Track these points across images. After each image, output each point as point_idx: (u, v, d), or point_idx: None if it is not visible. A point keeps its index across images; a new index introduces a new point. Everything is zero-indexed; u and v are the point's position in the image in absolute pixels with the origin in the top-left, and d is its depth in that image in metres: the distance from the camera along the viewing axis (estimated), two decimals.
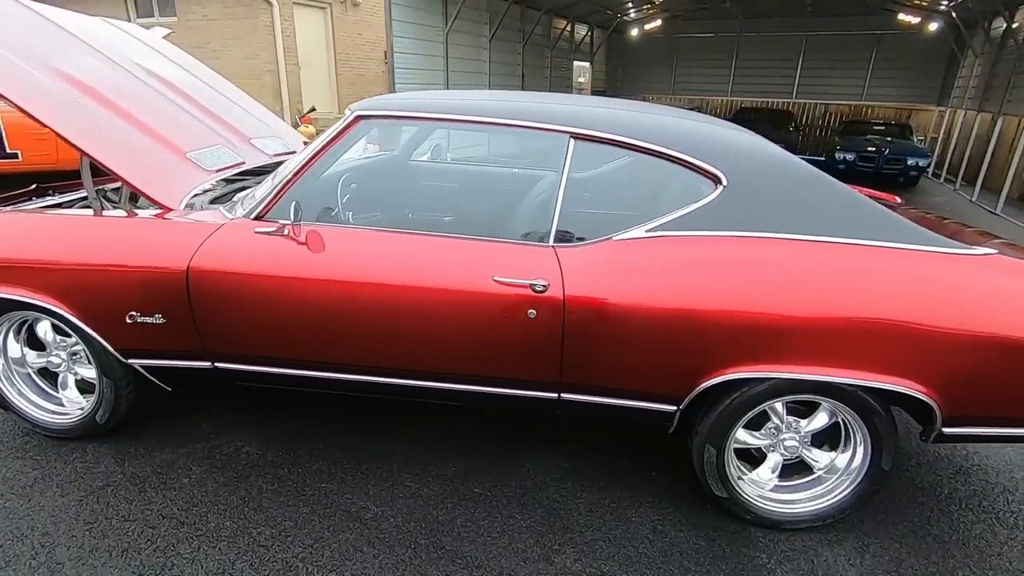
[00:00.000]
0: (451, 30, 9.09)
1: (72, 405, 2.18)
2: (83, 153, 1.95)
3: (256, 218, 1.85)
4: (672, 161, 1.73)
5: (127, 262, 1.85)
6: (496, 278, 1.70)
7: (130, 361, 1.99)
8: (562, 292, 1.69)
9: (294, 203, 1.74)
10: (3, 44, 2.07)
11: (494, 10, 10.04)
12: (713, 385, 1.72)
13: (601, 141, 1.75)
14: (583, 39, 13.88)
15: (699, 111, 10.40)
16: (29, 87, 1.97)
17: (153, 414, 2.36)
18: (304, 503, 1.94)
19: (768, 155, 1.74)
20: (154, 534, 1.79)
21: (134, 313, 1.88)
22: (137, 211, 2.08)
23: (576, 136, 1.77)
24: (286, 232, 1.78)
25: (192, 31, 10.48)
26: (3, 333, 2.11)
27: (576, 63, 14.42)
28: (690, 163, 1.71)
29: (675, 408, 1.81)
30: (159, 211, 1.99)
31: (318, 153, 1.85)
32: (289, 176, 1.85)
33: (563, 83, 13.74)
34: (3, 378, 2.14)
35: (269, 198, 1.85)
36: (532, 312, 1.71)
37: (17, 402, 2.16)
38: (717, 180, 1.69)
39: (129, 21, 11.21)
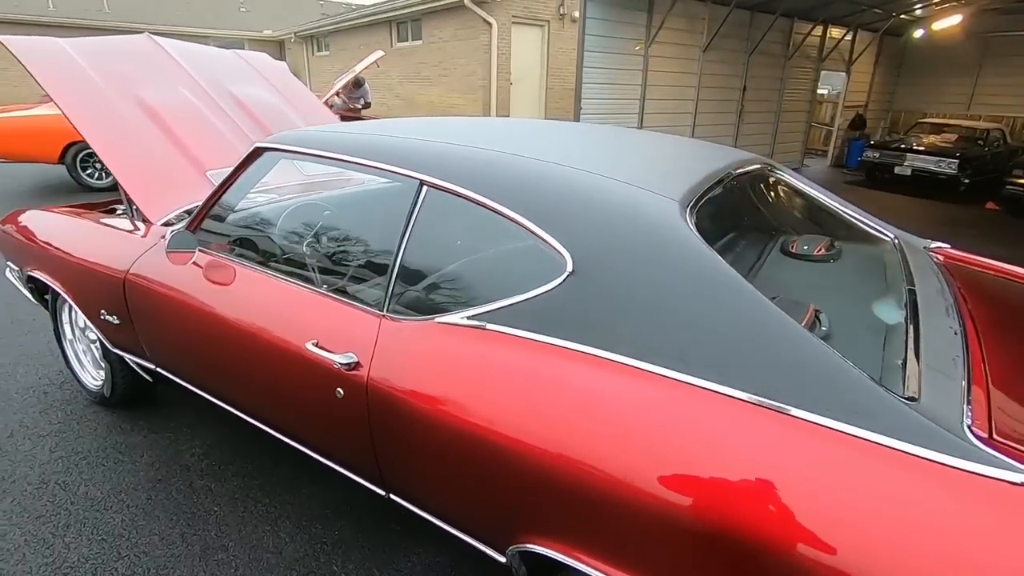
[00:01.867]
0: (654, 41, 8.53)
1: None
2: (103, 163, 2.29)
3: None
4: (522, 227, 1.24)
5: (95, 265, 2.10)
6: (309, 344, 1.45)
7: (114, 350, 2.28)
8: (367, 375, 1.36)
9: (172, 231, 1.75)
10: (101, 71, 2.56)
11: (713, 16, 9.09)
12: (530, 552, 1.20)
13: (450, 193, 1.35)
14: (836, 45, 11.68)
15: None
16: (86, 106, 2.38)
17: (168, 397, 2.67)
18: (184, 524, 1.96)
19: (647, 230, 1.12)
20: (40, 519, 1.96)
21: (103, 311, 2.14)
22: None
23: (427, 184, 1.40)
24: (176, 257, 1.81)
25: (432, 52, 11.93)
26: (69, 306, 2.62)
27: (826, 72, 12.26)
28: (536, 234, 1.21)
29: (502, 558, 1.32)
30: (146, 223, 2.22)
31: (227, 182, 1.84)
32: (202, 203, 1.88)
33: (802, 97, 11.81)
34: (68, 341, 2.67)
35: (187, 222, 1.91)
36: (340, 391, 1.42)
37: (73, 363, 2.66)
38: (565, 262, 1.16)
39: (391, 44, 13.30)
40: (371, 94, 8.79)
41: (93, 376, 2.63)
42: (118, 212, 2.75)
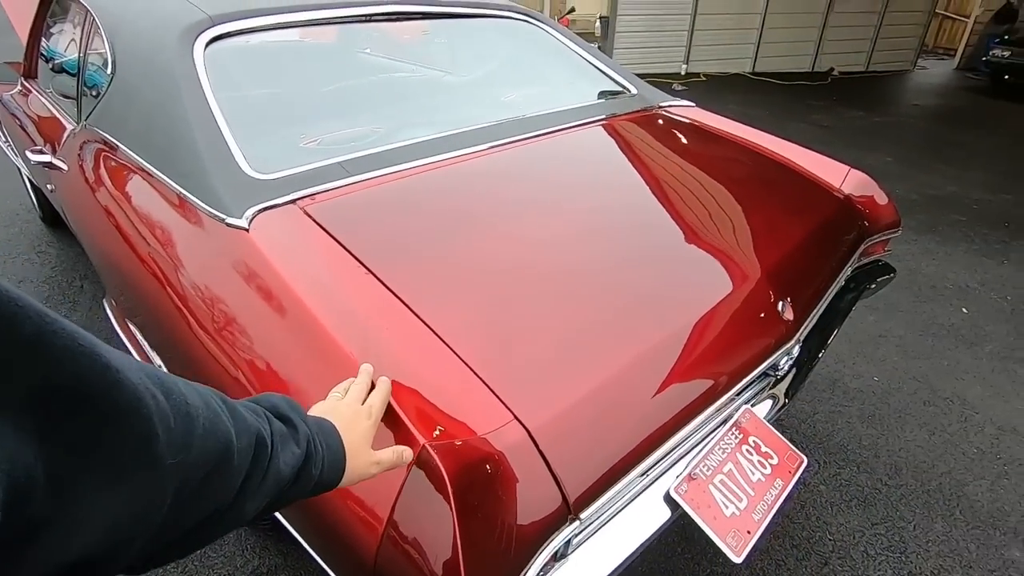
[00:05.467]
0: None
1: None
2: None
3: None
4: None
5: None
6: (28, 150, 1.80)
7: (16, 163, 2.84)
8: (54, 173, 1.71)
9: None
10: None
11: None
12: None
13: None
14: None
15: None
16: None
17: None
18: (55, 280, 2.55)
19: (158, 43, 1.27)
20: None
21: (5, 133, 2.67)
22: None
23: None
24: None
25: None
26: None
27: None
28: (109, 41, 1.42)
29: None
30: None
31: (36, 25, 2.19)
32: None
33: None
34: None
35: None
36: (49, 187, 1.80)
37: (30, 191, 3.32)
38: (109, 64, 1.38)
39: None
40: None
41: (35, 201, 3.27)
42: None
